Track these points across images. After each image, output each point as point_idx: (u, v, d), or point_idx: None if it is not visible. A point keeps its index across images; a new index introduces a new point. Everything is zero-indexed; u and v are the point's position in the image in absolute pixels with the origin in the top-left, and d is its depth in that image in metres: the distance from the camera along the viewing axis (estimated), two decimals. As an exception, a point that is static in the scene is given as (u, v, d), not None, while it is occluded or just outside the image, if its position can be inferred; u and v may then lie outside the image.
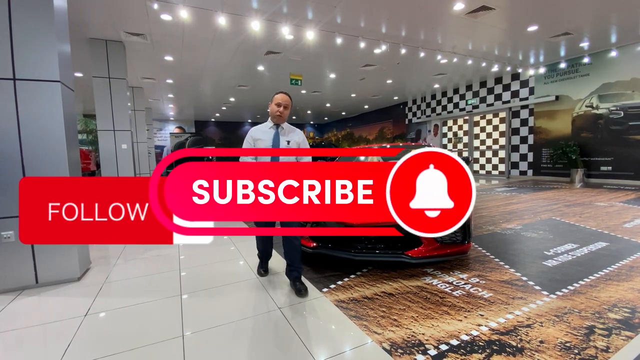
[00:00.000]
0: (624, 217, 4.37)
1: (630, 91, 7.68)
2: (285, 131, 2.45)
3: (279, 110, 2.36)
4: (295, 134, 2.47)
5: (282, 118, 2.39)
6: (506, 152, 10.67)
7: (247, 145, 2.42)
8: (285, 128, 2.45)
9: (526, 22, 6.16)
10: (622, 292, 2.19)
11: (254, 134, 2.43)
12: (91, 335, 1.88)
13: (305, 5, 5.14)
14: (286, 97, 2.39)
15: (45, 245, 2.56)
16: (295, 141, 2.43)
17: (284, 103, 2.37)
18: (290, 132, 2.47)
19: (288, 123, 2.53)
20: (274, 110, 2.37)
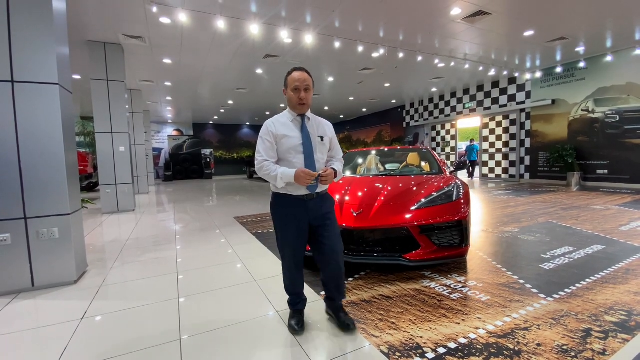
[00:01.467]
0: (620, 220, 4.40)
1: (626, 95, 7.76)
2: (313, 123, 1.85)
3: (300, 97, 1.75)
4: (325, 126, 1.91)
5: (307, 106, 1.80)
6: (517, 155, 10.34)
7: (267, 145, 1.77)
8: (312, 119, 1.86)
9: (522, 27, 6.22)
10: (619, 295, 2.20)
11: (275, 128, 1.78)
12: (88, 338, 1.86)
13: (303, 9, 5.17)
14: (304, 75, 1.77)
15: (42, 248, 2.55)
16: (328, 136, 1.89)
17: (304, 84, 1.75)
18: (319, 125, 1.88)
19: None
20: (293, 98, 1.76)
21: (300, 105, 1.77)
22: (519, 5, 5.28)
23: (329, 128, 1.93)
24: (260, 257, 3.27)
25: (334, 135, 1.96)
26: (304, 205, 1.79)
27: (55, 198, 2.59)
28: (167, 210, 6.62)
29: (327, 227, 1.82)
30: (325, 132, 1.89)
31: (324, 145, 1.85)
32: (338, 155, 1.98)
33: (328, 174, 1.73)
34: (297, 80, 1.76)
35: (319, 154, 1.82)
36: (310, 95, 1.80)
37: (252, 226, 4.72)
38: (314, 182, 1.71)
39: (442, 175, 3.54)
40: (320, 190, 1.83)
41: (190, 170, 16.98)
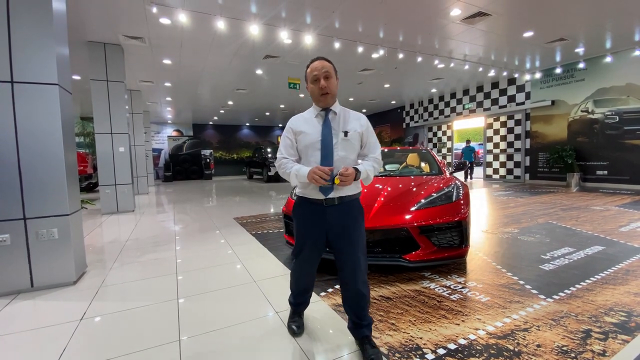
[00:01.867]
0: (619, 221, 4.40)
1: (625, 96, 7.77)
2: (340, 117, 1.63)
3: (321, 87, 1.55)
4: (353, 119, 1.65)
5: (330, 96, 1.58)
6: (522, 155, 10.19)
7: (286, 143, 1.66)
8: (339, 113, 1.64)
9: (522, 28, 6.23)
10: (619, 295, 2.20)
11: (295, 124, 1.66)
12: (87, 339, 1.86)
13: (303, 10, 5.17)
14: (324, 63, 1.58)
15: (41, 248, 2.55)
16: (357, 130, 1.62)
17: (322, 72, 1.56)
18: (347, 118, 1.64)
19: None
20: (315, 90, 1.59)
21: (322, 96, 1.57)
22: (518, 6, 5.28)
23: (358, 121, 1.64)
24: (260, 258, 3.26)
25: (367, 130, 1.66)
26: (322, 211, 1.58)
27: (55, 198, 2.58)
28: (166, 211, 6.62)
29: (348, 240, 1.59)
30: (352, 127, 1.61)
31: (348, 141, 1.58)
32: (372, 152, 1.67)
33: (348, 173, 1.46)
34: (315, 69, 1.58)
35: (341, 151, 1.57)
36: (332, 83, 1.58)
37: (251, 227, 4.72)
38: (329, 184, 1.49)
39: (442, 176, 3.54)
40: (345, 195, 1.58)
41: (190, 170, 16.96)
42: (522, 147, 10.17)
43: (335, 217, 1.58)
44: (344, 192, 1.58)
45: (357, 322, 1.64)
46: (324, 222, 1.59)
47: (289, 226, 3.13)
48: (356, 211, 1.64)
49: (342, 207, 1.59)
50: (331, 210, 1.58)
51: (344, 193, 1.59)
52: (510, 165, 10.68)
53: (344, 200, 1.59)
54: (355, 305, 1.63)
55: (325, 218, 1.59)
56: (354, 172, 1.50)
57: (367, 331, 1.63)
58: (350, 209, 1.61)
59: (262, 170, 13.70)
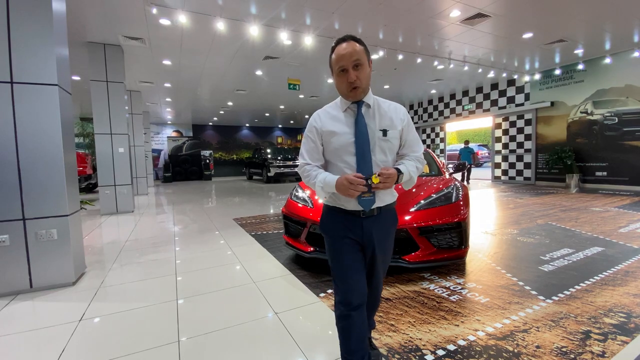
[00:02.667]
0: (619, 222, 4.40)
1: (625, 97, 7.78)
2: (374, 111, 1.30)
3: (350, 81, 1.22)
4: (392, 113, 1.33)
5: (361, 90, 1.24)
6: (532, 156, 9.91)
7: (310, 146, 1.34)
8: (374, 105, 1.31)
9: (521, 29, 6.24)
10: (618, 297, 2.20)
11: (321, 123, 1.32)
12: (86, 340, 1.86)
13: (303, 11, 5.18)
14: (352, 47, 1.21)
15: (40, 249, 2.55)
16: (396, 128, 1.31)
17: (352, 61, 1.20)
18: (384, 113, 1.31)
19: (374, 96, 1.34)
20: (342, 84, 1.26)
21: (352, 91, 1.24)
22: (518, 7, 5.29)
23: (397, 116, 1.33)
24: (260, 259, 3.26)
25: (407, 125, 1.35)
26: (359, 224, 1.30)
27: (54, 199, 2.58)
28: (166, 212, 6.61)
29: (381, 253, 1.36)
30: (391, 124, 1.30)
31: (387, 141, 1.28)
32: (414, 151, 1.37)
33: (389, 173, 1.19)
34: (341, 57, 1.21)
35: (380, 154, 1.27)
36: (364, 74, 1.23)
37: (251, 228, 4.71)
38: (370, 195, 1.23)
39: (441, 177, 3.55)
40: (384, 205, 1.32)
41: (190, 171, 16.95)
42: (533, 148, 9.82)
43: (372, 229, 1.31)
44: (383, 200, 1.32)
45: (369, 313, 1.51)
46: (361, 233, 1.31)
47: (288, 227, 3.13)
48: (391, 221, 1.40)
49: (380, 218, 1.33)
50: (369, 222, 1.30)
51: (383, 202, 1.32)
52: (513, 167, 10.45)
53: (383, 210, 1.33)
54: (371, 307, 1.51)
55: (363, 230, 1.30)
56: (395, 173, 1.23)
57: (368, 333, 1.53)
58: (387, 219, 1.36)
59: (261, 171, 13.70)
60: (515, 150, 10.43)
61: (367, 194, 1.22)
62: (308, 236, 2.85)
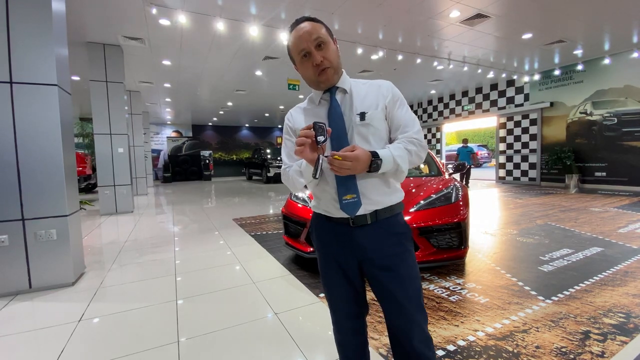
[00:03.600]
0: (618, 223, 4.41)
1: (624, 98, 7.79)
2: (352, 95, 1.08)
3: (317, 60, 1.01)
4: (373, 90, 1.09)
5: (332, 70, 1.04)
6: (538, 156, 9.74)
7: (288, 148, 1.14)
8: (351, 90, 1.09)
9: (521, 30, 6.25)
10: (617, 297, 2.20)
11: (293, 121, 1.16)
12: (85, 341, 1.85)
13: (303, 12, 5.18)
14: (309, 26, 1.02)
15: (39, 249, 2.54)
16: (378, 106, 1.05)
17: (313, 40, 1.01)
18: (364, 95, 1.08)
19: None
20: (308, 70, 1.05)
21: (322, 74, 1.03)
22: (517, 8, 5.30)
23: (379, 92, 1.08)
24: (259, 259, 3.26)
25: (392, 101, 1.07)
26: (349, 235, 1.05)
27: (53, 199, 2.58)
28: (165, 212, 6.61)
29: (395, 281, 1.03)
30: (370, 103, 1.06)
31: (367, 126, 1.04)
32: (404, 132, 1.06)
33: (348, 155, 0.91)
34: (300, 39, 1.01)
35: (360, 142, 1.03)
36: (330, 50, 1.03)
37: (251, 228, 4.71)
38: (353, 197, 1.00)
39: (441, 177, 3.55)
40: (381, 209, 1.04)
41: (189, 171, 16.94)
42: (538, 148, 9.64)
43: (366, 243, 1.04)
44: (377, 202, 1.03)
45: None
46: (351, 249, 1.06)
47: (288, 227, 3.13)
48: (401, 235, 1.06)
49: (377, 228, 1.04)
50: (361, 234, 1.04)
51: (379, 205, 1.03)
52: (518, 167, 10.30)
53: (381, 216, 1.04)
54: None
55: (353, 243, 1.05)
56: (361, 155, 0.93)
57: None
58: (388, 229, 1.05)
59: (261, 171, 13.70)
60: (520, 150, 10.28)
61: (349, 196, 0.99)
62: (308, 236, 2.85)
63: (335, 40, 1.08)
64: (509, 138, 10.65)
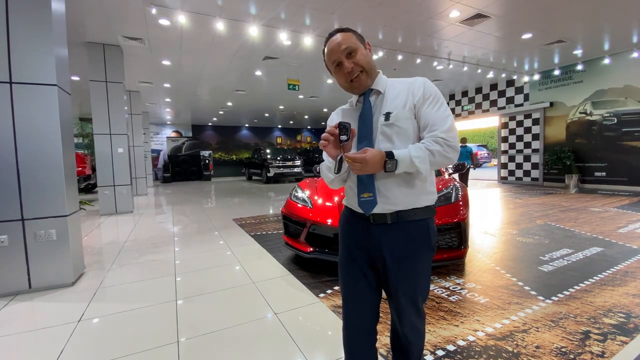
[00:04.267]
0: (618, 223, 4.41)
1: (624, 98, 7.80)
2: (386, 97, 1.12)
3: (347, 69, 1.07)
4: (404, 89, 1.11)
5: (365, 75, 1.10)
6: (540, 156, 9.64)
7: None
8: (386, 91, 1.14)
9: (521, 30, 6.25)
10: (617, 297, 2.20)
11: (330, 120, 1.27)
12: (85, 341, 1.85)
13: (303, 12, 5.18)
14: (340, 37, 1.08)
15: (39, 250, 2.54)
16: (405, 105, 1.06)
17: (343, 49, 1.07)
18: (395, 92, 1.11)
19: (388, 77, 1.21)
20: (341, 79, 1.13)
21: (354, 81, 1.09)
22: (517, 8, 5.30)
23: (408, 93, 1.08)
24: (259, 259, 3.26)
25: (422, 99, 1.06)
26: (367, 231, 1.08)
27: (53, 199, 2.58)
28: (165, 212, 6.61)
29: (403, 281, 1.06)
30: (398, 104, 1.07)
31: (392, 125, 1.04)
32: (432, 129, 1.03)
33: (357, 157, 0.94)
34: (332, 51, 1.08)
35: (383, 142, 1.05)
36: (361, 57, 1.08)
37: (250, 228, 4.71)
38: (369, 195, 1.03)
39: (440, 177, 3.55)
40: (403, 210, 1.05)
41: (189, 171, 16.94)
42: (541, 148, 9.53)
43: (383, 240, 1.06)
44: (399, 203, 1.04)
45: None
46: (368, 244, 1.09)
47: (288, 227, 3.13)
48: (417, 236, 1.06)
49: (397, 229, 1.05)
50: (379, 231, 1.06)
51: (403, 204, 1.04)
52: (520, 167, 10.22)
53: (403, 219, 1.05)
54: (400, 351, 1.19)
55: (370, 239, 1.08)
56: (376, 157, 0.95)
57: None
58: (409, 232, 1.05)
59: (261, 171, 13.70)
60: (522, 150, 10.18)
61: (366, 195, 1.04)
62: (307, 236, 2.85)
63: (367, 44, 1.14)
64: (511, 138, 10.57)
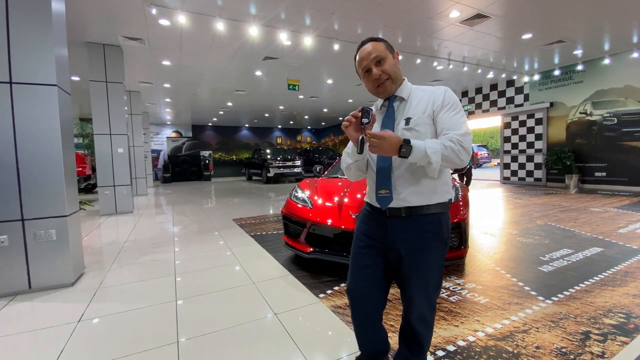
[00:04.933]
0: (618, 223, 4.40)
1: (624, 98, 7.79)
2: (410, 103, 1.22)
3: (375, 75, 1.19)
4: (426, 97, 1.20)
5: (390, 82, 1.21)
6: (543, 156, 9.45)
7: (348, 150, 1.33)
8: (410, 97, 1.23)
9: (521, 30, 6.25)
10: (617, 297, 2.20)
11: None
12: (84, 341, 1.85)
13: (303, 12, 5.18)
14: (370, 46, 1.20)
15: (39, 250, 2.54)
16: (425, 112, 1.17)
17: (372, 58, 1.18)
18: (417, 99, 1.21)
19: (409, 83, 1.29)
20: (369, 84, 1.24)
21: (380, 87, 1.21)
22: (517, 8, 5.30)
23: (430, 98, 1.19)
24: (259, 260, 3.26)
25: (441, 106, 1.16)
26: (383, 223, 1.20)
27: (53, 200, 2.57)
28: (165, 212, 6.61)
29: (415, 271, 1.16)
30: (419, 110, 1.18)
31: (411, 130, 1.15)
32: (447, 132, 1.11)
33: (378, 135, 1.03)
34: (362, 59, 1.21)
35: None
36: (389, 65, 1.19)
37: (250, 228, 4.71)
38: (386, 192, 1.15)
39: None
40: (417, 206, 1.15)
41: (189, 172, 16.94)
42: (544, 148, 9.46)
43: (397, 233, 1.17)
44: (406, 200, 1.14)
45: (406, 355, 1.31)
46: (384, 237, 1.19)
47: (288, 227, 3.13)
48: (429, 230, 1.15)
49: (411, 223, 1.16)
50: (394, 224, 1.17)
51: (415, 201, 1.14)
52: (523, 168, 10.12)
53: (416, 212, 1.15)
54: (407, 338, 1.30)
55: (387, 232, 1.18)
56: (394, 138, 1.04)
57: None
58: (422, 227, 1.15)
59: (261, 171, 13.69)
60: (525, 150, 10.08)
61: (383, 191, 1.16)
62: (307, 237, 2.84)
63: (396, 54, 1.26)
64: (513, 138, 10.45)
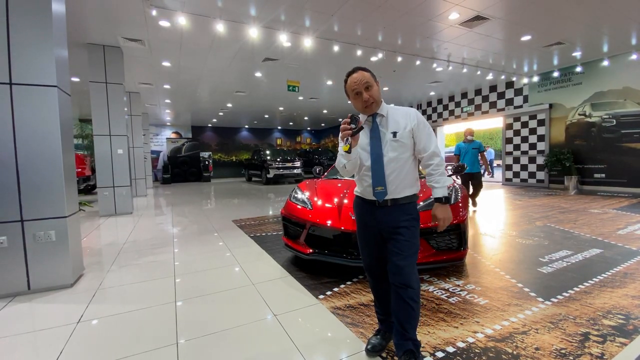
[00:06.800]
0: (617, 224, 4.41)
1: (623, 99, 7.81)
2: (387, 118, 1.59)
3: (364, 100, 1.54)
4: (403, 116, 1.59)
5: (375, 104, 1.57)
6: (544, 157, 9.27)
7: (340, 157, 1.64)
8: (387, 115, 1.60)
9: (520, 32, 6.27)
10: (616, 298, 2.20)
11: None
12: (84, 342, 1.85)
13: (302, 14, 5.19)
14: (360, 75, 1.55)
15: (38, 251, 2.54)
16: (406, 128, 1.55)
17: (362, 84, 1.54)
18: (395, 117, 1.59)
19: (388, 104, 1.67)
20: (358, 104, 1.58)
21: (367, 107, 1.56)
22: (516, 10, 5.32)
23: (407, 118, 1.58)
24: (258, 261, 3.25)
25: (417, 125, 1.56)
26: (373, 212, 1.58)
27: (53, 200, 2.57)
28: (165, 213, 6.60)
29: (397, 241, 1.52)
30: (401, 125, 1.56)
31: (397, 141, 1.54)
32: (425, 149, 1.57)
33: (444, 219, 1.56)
34: (354, 84, 1.55)
35: (391, 152, 1.54)
36: (374, 91, 1.55)
37: (250, 229, 4.71)
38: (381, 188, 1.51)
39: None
40: (399, 197, 1.54)
41: (189, 173, 16.94)
42: (547, 150, 9.35)
43: (387, 219, 1.55)
44: (396, 193, 1.54)
45: (404, 331, 1.50)
46: (376, 222, 1.57)
47: (287, 229, 3.13)
48: (405, 212, 1.54)
49: (393, 210, 1.55)
50: (382, 212, 1.56)
51: (398, 194, 1.54)
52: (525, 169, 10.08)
53: (396, 202, 1.54)
54: (398, 315, 1.51)
55: (376, 218, 1.57)
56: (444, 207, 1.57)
57: (411, 345, 1.49)
58: (401, 211, 1.54)
59: (260, 172, 13.69)
60: (527, 152, 10.01)
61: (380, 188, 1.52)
62: (307, 238, 2.85)
63: (377, 82, 1.61)
64: (515, 139, 10.38)
